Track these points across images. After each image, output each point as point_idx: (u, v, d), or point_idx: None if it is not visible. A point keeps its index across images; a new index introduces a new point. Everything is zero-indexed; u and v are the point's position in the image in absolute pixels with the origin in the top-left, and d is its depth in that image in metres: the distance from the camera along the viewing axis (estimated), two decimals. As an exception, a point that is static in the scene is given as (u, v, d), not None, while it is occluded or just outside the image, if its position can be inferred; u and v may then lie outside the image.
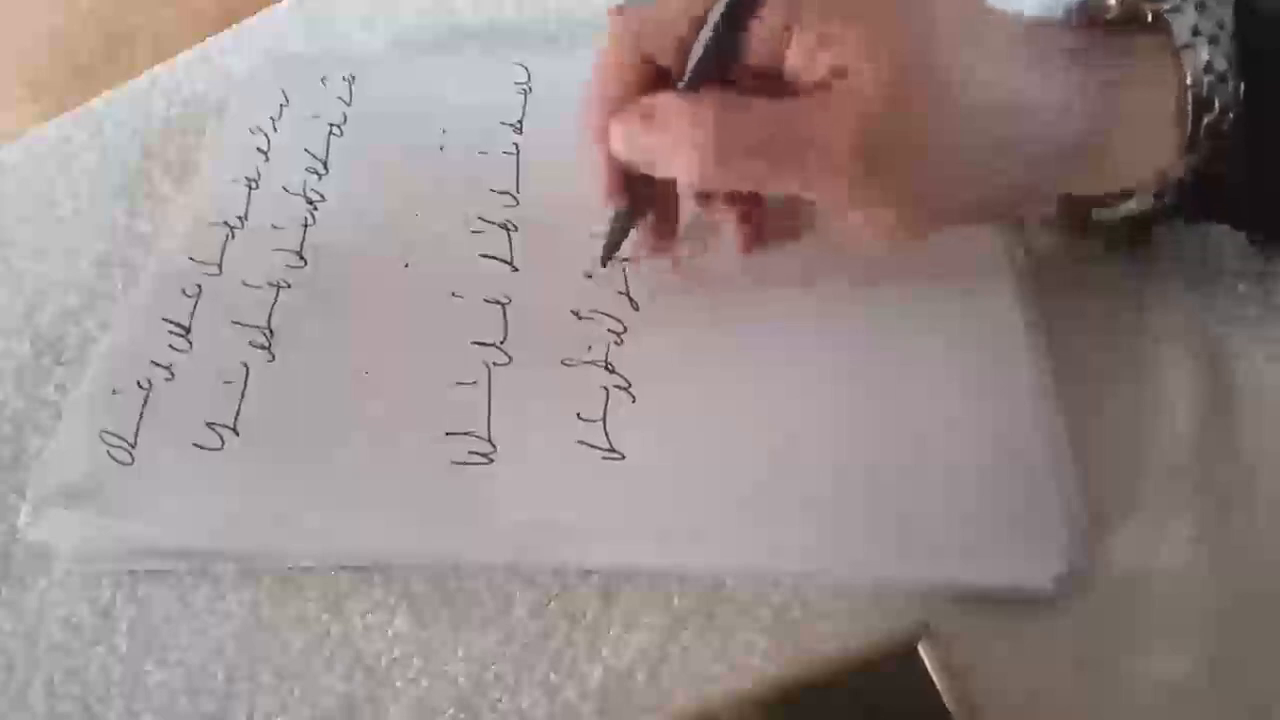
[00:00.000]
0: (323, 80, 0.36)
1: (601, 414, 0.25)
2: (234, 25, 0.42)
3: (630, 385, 0.26)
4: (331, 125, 0.34)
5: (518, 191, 0.31)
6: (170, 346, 0.28)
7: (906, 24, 0.22)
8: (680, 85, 0.24)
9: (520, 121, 0.34)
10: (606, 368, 0.26)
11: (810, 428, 0.25)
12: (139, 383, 0.27)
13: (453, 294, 0.28)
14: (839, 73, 0.21)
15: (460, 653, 0.23)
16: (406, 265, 0.30)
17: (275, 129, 0.34)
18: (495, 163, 0.32)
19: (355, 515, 0.24)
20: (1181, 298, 0.27)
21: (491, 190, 0.31)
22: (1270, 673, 0.21)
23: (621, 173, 0.25)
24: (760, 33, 0.22)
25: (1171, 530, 0.23)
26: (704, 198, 0.27)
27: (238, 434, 0.26)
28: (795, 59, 0.22)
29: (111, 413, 0.26)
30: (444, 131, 0.34)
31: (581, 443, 0.25)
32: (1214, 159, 0.23)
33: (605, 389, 0.26)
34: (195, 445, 0.25)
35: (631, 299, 0.28)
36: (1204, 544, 0.23)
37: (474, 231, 0.30)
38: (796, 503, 0.23)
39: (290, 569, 0.24)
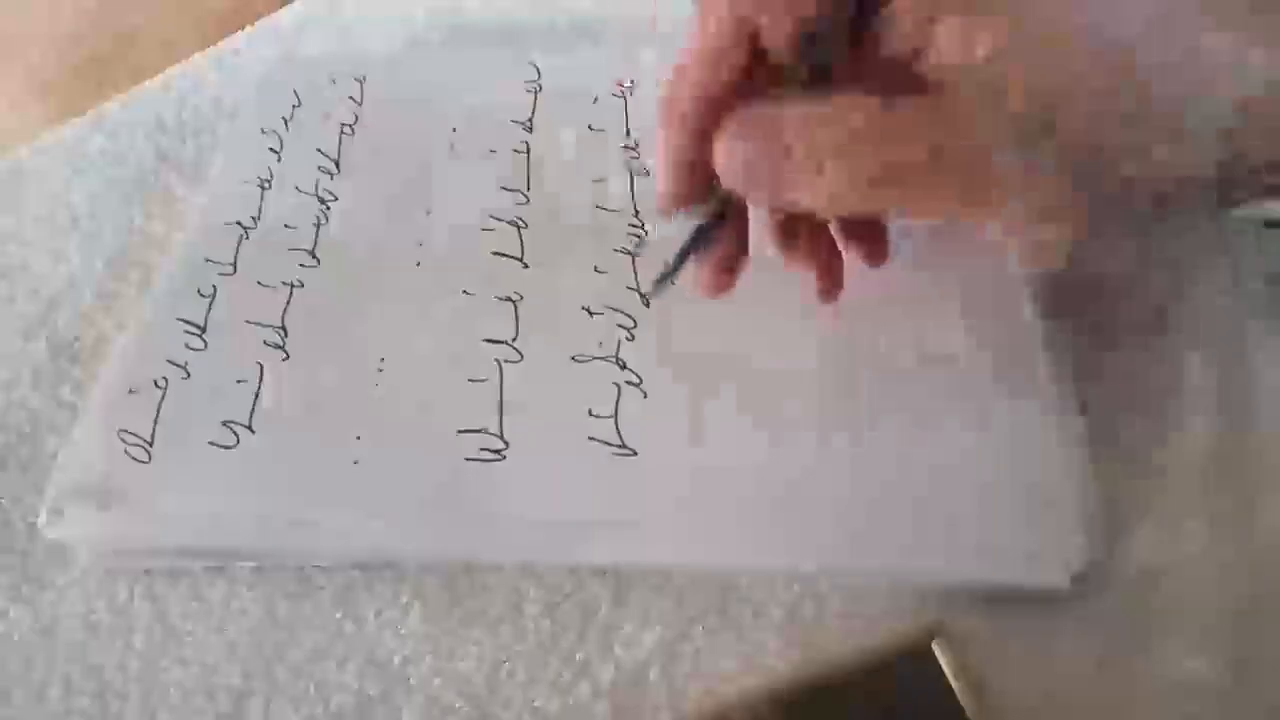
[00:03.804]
0: (334, 80, 0.36)
1: (613, 410, 0.25)
2: (245, 27, 0.42)
3: (641, 381, 0.26)
4: (343, 125, 0.34)
5: (528, 189, 0.31)
6: (186, 346, 0.28)
7: (1065, 6, 0.19)
8: (797, 81, 0.20)
9: (530, 120, 0.34)
10: (618, 364, 0.26)
11: (824, 425, 0.24)
12: (155, 382, 0.27)
13: (464, 292, 0.29)
14: (996, 60, 0.18)
15: (473, 651, 0.23)
16: (418, 263, 0.30)
17: (287, 129, 0.35)
18: (506, 161, 0.32)
19: (368, 513, 0.24)
20: (1198, 298, 0.27)
21: (502, 188, 0.32)
22: (1289, 672, 0.21)
23: (705, 180, 0.21)
24: (893, 18, 0.19)
25: (1188, 529, 0.23)
26: (786, 236, 0.23)
27: (253, 432, 0.26)
28: (943, 47, 0.19)
29: (128, 412, 0.26)
30: (454, 130, 0.34)
31: (593, 439, 0.25)
32: None
33: (617, 385, 0.26)
34: (211, 444, 0.25)
35: (642, 294, 0.28)
36: (1220, 543, 0.23)
37: (485, 229, 0.30)
38: (810, 500, 0.23)
39: (304, 567, 0.25)
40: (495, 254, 0.30)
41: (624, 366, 0.26)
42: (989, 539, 0.22)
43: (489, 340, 0.27)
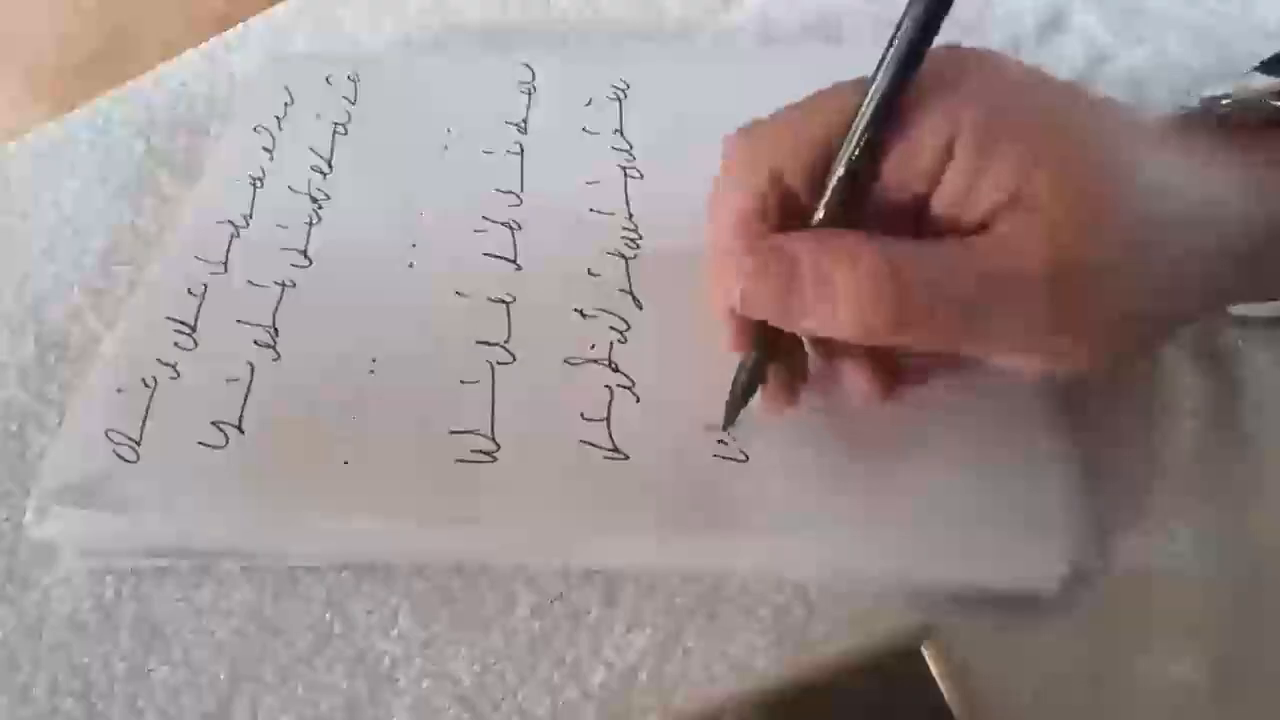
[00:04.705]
0: (327, 79, 0.36)
1: (605, 414, 0.25)
2: (238, 25, 0.42)
3: (634, 385, 0.26)
4: (336, 124, 0.34)
5: (522, 191, 0.31)
6: (175, 345, 0.28)
7: (1083, 138, 0.18)
8: (816, 221, 0.20)
9: (524, 121, 0.34)
10: (610, 367, 0.26)
11: (814, 428, 0.25)
12: (144, 381, 0.27)
13: (457, 293, 0.28)
14: (1015, 200, 0.18)
15: (463, 652, 0.23)
16: (411, 264, 0.30)
17: (280, 128, 0.34)
18: (499, 162, 0.32)
19: (359, 514, 0.24)
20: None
21: (496, 190, 0.32)
22: (1275, 676, 0.21)
23: (750, 320, 0.22)
24: (907, 157, 0.19)
25: (1178, 533, 0.23)
26: (828, 351, 0.23)
27: (242, 432, 0.26)
28: (954, 186, 0.19)
29: (117, 411, 0.26)
30: (448, 131, 0.34)
31: (585, 442, 0.25)
32: None
33: (609, 388, 0.26)
34: (200, 443, 0.25)
35: (635, 297, 0.28)
36: (1210, 546, 0.23)
37: (478, 231, 0.30)
38: (801, 503, 0.23)
39: (293, 567, 0.24)
40: (488, 255, 0.30)
41: (616, 369, 0.26)
42: (978, 543, 0.22)
43: (481, 342, 0.27)
